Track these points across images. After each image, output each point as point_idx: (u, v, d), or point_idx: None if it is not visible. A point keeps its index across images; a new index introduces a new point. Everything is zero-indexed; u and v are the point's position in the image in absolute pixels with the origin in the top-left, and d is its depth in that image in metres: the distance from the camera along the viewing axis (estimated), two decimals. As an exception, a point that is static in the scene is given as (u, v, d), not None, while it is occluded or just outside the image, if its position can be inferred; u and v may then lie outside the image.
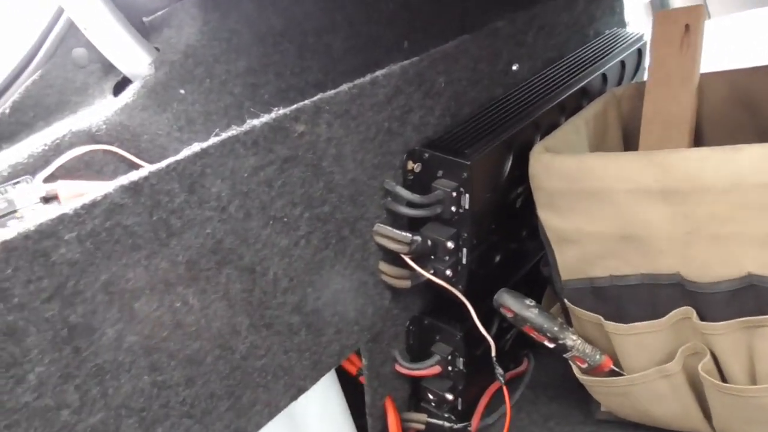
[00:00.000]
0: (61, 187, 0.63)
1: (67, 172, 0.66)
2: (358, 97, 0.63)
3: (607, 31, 1.06)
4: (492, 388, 0.89)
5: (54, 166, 0.65)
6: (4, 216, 0.61)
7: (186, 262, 0.54)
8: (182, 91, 0.70)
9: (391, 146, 0.69)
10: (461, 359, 0.80)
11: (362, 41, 0.90)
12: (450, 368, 0.81)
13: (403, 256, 0.71)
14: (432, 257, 0.73)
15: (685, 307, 0.66)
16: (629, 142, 0.92)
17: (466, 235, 0.71)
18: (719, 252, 0.62)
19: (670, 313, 0.67)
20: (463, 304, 0.73)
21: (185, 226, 0.54)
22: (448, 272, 0.73)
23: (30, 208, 0.62)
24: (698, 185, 0.61)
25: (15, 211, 0.61)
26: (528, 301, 0.74)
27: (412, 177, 0.72)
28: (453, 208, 0.70)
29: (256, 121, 0.57)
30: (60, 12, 0.71)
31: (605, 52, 0.96)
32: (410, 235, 0.70)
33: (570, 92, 0.84)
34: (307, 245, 0.63)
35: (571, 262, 0.73)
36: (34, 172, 0.65)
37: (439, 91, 0.73)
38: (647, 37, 1.05)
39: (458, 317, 0.79)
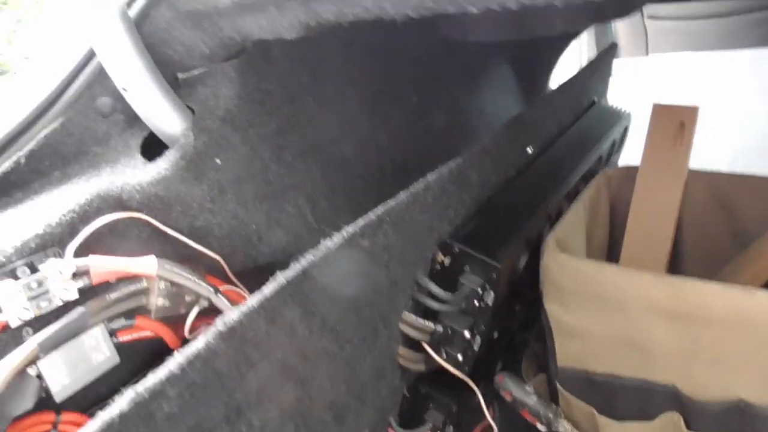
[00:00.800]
0: (92, 262, 0.60)
1: (92, 237, 0.63)
2: (413, 204, 0.64)
3: (596, 100, 1.11)
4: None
5: (83, 236, 0.61)
6: (35, 298, 0.57)
7: (256, 389, 0.53)
8: (218, 161, 0.68)
9: (428, 241, 0.70)
10: (451, 427, 0.84)
11: (375, 95, 0.89)
12: (440, 434, 0.85)
13: (423, 344, 0.73)
14: (446, 342, 0.75)
15: (675, 413, 0.73)
16: (615, 220, 0.98)
17: (483, 326, 0.74)
18: (716, 375, 0.69)
19: (660, 417, 0.74)
20: (469, 387, 0.77)
21: (262, 356, 0.53)
22: (459, 357, 0.76)
23: (62, 288, 0.58)
24: (707, 315, 0.67)
25: (47, 292, 0.57)
26: (528, 387, 0.78)
27: (439, 268, 0.74)
28: (475, 302, 0.73)
29: (329, 243, 0.56)
30: (89, 57, 0.65)
31: (601, 131, 1.01)
32: (433, 326, 0.72)
33: (575, 179, 0.88)
34: (350, 346, 0.64)
35: (570, 352, 0.79)
36: (62, 242, 0.61)
37: (472, 183, 0.74)
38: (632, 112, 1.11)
39: (451, 386, 0.82)
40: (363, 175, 0.87)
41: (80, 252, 0.60)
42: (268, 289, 0.53)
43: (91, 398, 0.62)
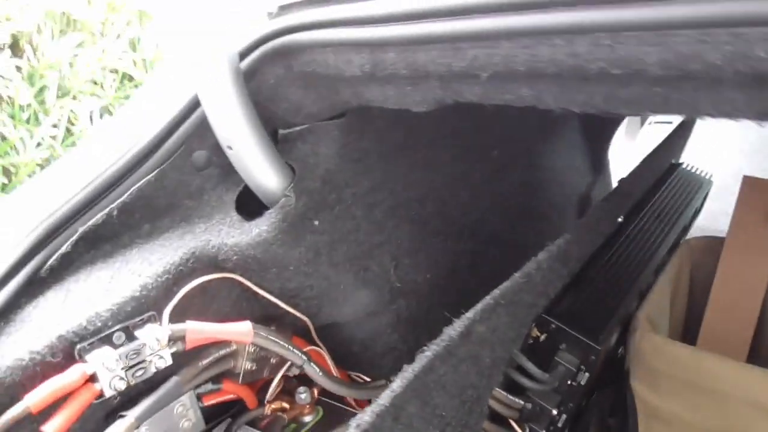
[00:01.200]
0: (190, 328, 0.57)
1: (184, 298, 0.60)
2: (525, 285, 0.61)
3: (675, 166, 1.08)
4: None
5: (177, 297, 0.59)
6: (132, 367, 0.54)
7: None
8: (316, 223, 0.65)
9: (528, 318, 0.67)
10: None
11: (462, 150, 0.87)
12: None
13: (511, 421, 0.70)
14: (531, 419, 0.72)
15: None
16: (694, 292, 0.95)
17: (571, 405, 0.71)
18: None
19: None
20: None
21: None
22: (543, 433, 0.73)
23: (158, 355, 0.55)
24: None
25: (143, 361, 0.55)
26: (609, 469, 0.75)
27: (531, 342, 0.71)
28: (568, 381, 0.70)
29: (452, 333, 0.54)
30: (191, 108, 0.63)
31: (683, 199, 0.98)
32: (522, 402, 0.69)
33: (664, 251, 0.86)
34: (450, 429, 0.61)
35: (655, 435, 0.76)
36: (156, 305, 0.58)
37: (572, 258, 0.71)
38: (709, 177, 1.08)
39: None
40: (442, 232, 0.85)
41: (173, 314, 0.58)
42: (397, 384, 0.50)
43: None
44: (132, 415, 0.53)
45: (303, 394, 0.73)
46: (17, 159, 1.94)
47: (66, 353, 0.53)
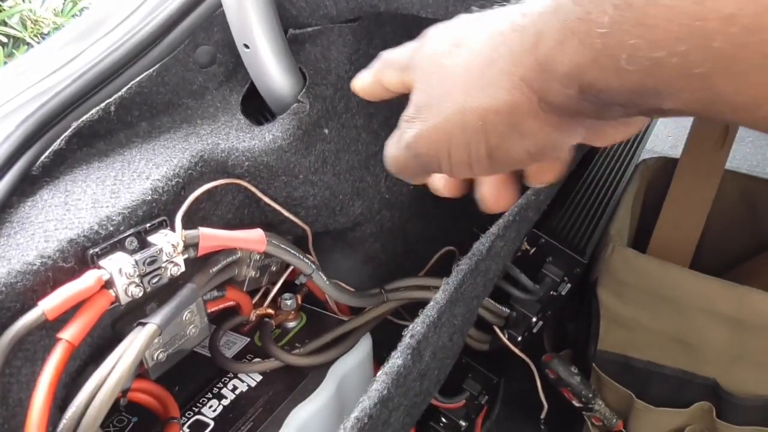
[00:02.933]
0: (203, 235, 0.55)
1: (192, 204, 0.57)
2: (534, 202, 0.62)
3: None
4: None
5: (188, 202, 0.56)
6: (147, 274, 0.51)
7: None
8: (326, 131, 0.63)
9: (524, 233, 0.70)
10: (486, 397, 0.88)
11: None
12: (474, 402, 0.88)
13: (495, 328, 0.74)
14: (512, 325, 0.77)
15: (708, 403, 0.80)
16: (646, 206, 1.01)
17: (549, 313, 0.76)
18: (759, 375, 0.75)
19: (695, 405, 0.80)
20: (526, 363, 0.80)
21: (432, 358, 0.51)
22: (519, 338, 0.78)
23: (172, 261, 0.53)
24: (765, 323, 0.73)
25: (159, 268, 0.52)
26: (573, 369, 0.82)
27: (520, 254, 0.74)
28: (551, 292, 0.74)
29: (481, 248, 0.55)
30: (197, 1, 0.57)
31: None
32: (508, 311, 0.73)
33: (629, 172, 0.90)
34: (458, 336, 0.63)
35: (613, 339, 0.83)
36: (166, 210, 0.55)
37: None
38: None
39: (493, 360, 0.85)
40: None
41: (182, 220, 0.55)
42: (441, 296, 0.51)
43: None
44: (154, 321, 0.51)
45: (289, 301, 0.73)
46: None
47: (78, 258, 0.49)
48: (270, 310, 0.73)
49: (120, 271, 0.50)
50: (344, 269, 0.83)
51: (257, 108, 0.62)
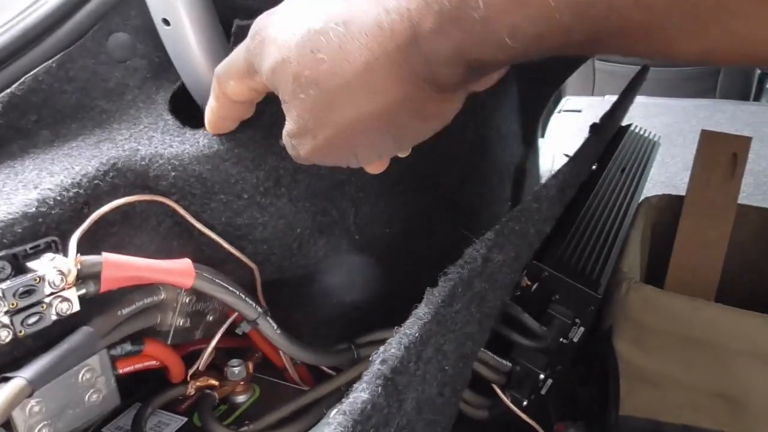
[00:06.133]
0: (107, 262, 0.41)
1: (97, 225, 0.44)
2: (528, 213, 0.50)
3: (625, 127, 1.03)
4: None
5: (91, 220, 0.42)
6: (21, 311, 0.37)
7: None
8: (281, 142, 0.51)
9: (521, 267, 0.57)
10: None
11: None
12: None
13: (495, 387, 0.59)
14: (515, 384, 0.62)
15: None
16: (653, 247, 0.90)
17: (559, 367, 0.62)
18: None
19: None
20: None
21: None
22: (525, 402, 0.63)
23: (61, 296, 0.39)
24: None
25: (39, 303, 0.38)
26: (592, 439, 0.67)
27: (519, 294, 0.61)
28: (560, 339, 0.60)
29: (475, 254, 0.42)
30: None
31: (641, 155, 0.93)
32: (510, 364, 0.59)
33: (635, 205, 0.80)
34: (449, 390, 0.49)
35: (638, 400, 0.68)
36: (59, 229, 0.41)
37: (563, 200, 0.62)
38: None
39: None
40: (402, 182, 0.73)
41: (81, 244, 0.42)
42: (423, 310, 0.37)
43: None
44: (23, 375, 0.36)
45: (237, 368, 0.58)
46: None
47: None
48: (213, 381, 0.58)
49: (-20, 306, 0.36)
50: (304, 330, 0.69)
51: (192, 108, 0.50)
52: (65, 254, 0.40)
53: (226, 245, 0.51)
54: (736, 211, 0.83)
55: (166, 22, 0.45)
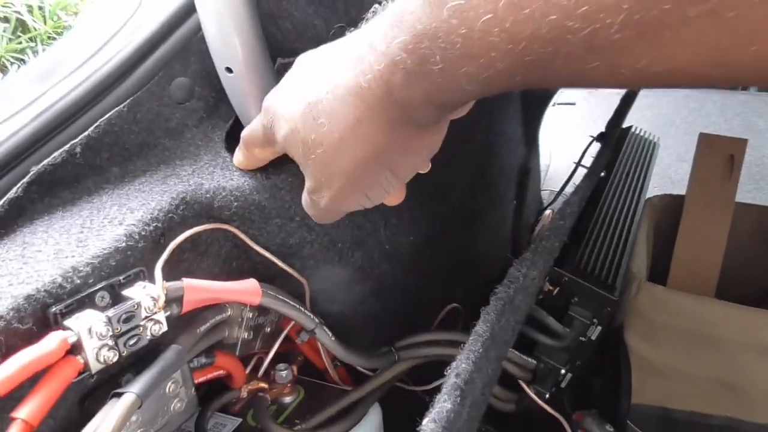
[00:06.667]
0: (188, 287, 0.46)
1: (172, 253, 0.49)
2: (555, 233, 0.56)
3: (626, 129, 1.09)
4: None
5: (169, 249, 0.48)
6: (123, 335, 0.42)
7: None
8: None
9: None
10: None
11: None
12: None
13: (521, 383, 0.65)
14: (538, 380, 0.68)
15: (763, 454, 0.71)
16: (655, 246, 0.96)
17: (579, 363, 0.68)
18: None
19: (749, 458, 0.71)
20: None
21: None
22: (547, 395, 0.69)
23: (152, 319, 0.44)
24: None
25: (136, 327, 0.43)
26: (608, 427, 0.73)
27: (541, 297, 0.66)
28: (579, 338, 0.66)
29: (517, 274, 0.47)
30: (170, 28, 0.52)
31: (643, 157, 0.99)
32: (535, 362, 0.65)
33: (641, 207, 0.85)
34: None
35: (649, 390, 0.74)
36: (143, 260, 0.47)
37: (578, 210, 0.68)
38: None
39: (515, 424, 0.75)
40: (425, 191, 0.78)
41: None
42: (482, 329, 0.43)
43: None
44: (132, 390, 0.41)
45: (284, 372, 0.64)
46: None
47: (37, 318, 0.40)
48: (263, 384, 0.63)
49: (90, 331, 0.41)
50: (340, 334, 0.74)
51: None
52: (152, 281, 0.45)
53: (279, 263, 0.57)
54: (733, 209, 0.89)
55: (229, 70, 0.50)
